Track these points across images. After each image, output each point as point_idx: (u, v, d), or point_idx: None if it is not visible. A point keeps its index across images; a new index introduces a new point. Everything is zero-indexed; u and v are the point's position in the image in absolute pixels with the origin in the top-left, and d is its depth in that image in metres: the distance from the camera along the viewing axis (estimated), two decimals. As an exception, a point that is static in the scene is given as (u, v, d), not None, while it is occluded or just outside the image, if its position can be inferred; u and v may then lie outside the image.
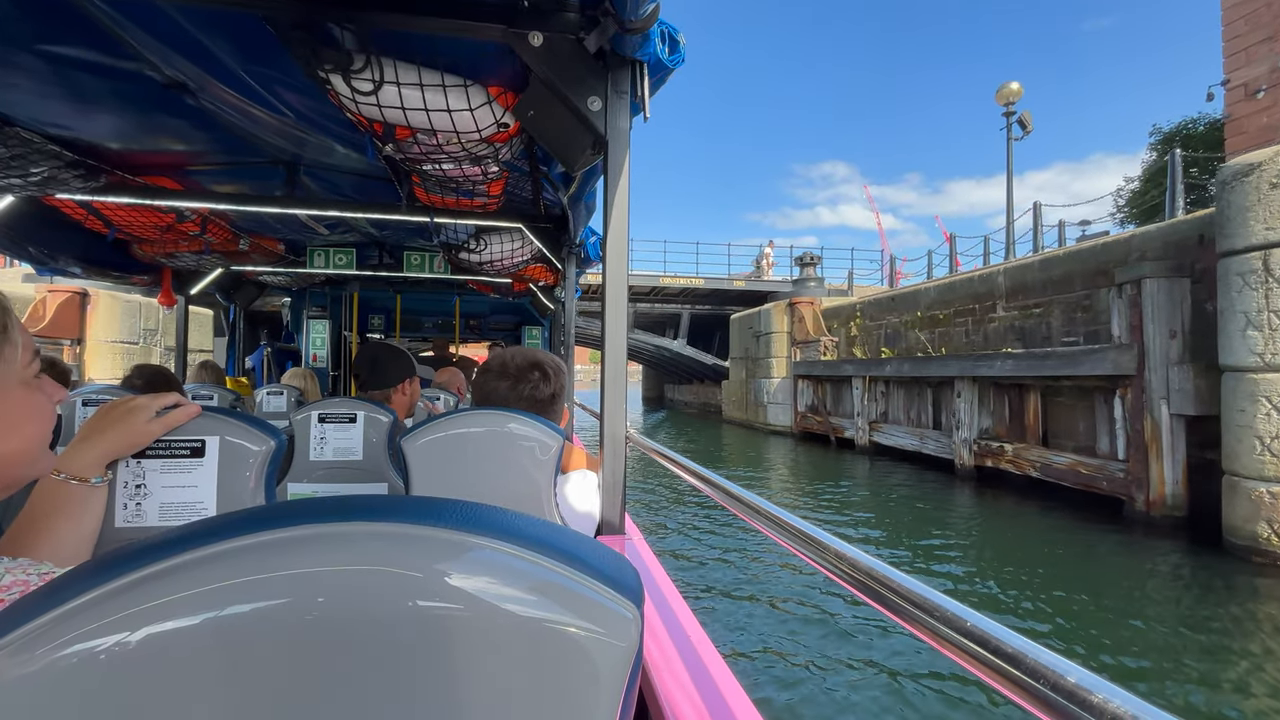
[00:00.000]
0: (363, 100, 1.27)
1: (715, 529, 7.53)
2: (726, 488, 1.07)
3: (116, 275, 3.23)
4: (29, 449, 0.57)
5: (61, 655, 0.23)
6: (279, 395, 3.06)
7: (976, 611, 0.44)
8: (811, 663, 4.08)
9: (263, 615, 0.24)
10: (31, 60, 1.43)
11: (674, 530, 7.55)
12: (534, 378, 1.24)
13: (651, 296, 22.51)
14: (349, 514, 0.25)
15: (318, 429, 1.48)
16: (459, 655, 0.25)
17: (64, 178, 2.00)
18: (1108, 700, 0.30)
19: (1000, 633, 0.40)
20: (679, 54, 1.19)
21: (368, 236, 3.47)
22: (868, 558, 0.56)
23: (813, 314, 16.85)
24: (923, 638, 0.48)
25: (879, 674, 3.94)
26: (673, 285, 21.50)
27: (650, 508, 8.65)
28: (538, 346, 5.68)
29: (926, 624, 0.46)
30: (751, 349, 18.53)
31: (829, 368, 14.72)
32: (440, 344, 5.41)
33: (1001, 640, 0.39)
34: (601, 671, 0.26)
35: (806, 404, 15.96)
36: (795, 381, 16.36)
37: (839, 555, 0.59)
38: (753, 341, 18.36)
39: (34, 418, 0.57)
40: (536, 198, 2.39)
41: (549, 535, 0.27)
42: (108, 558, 0.26)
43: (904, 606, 0.49)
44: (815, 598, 5.28)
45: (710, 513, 8.22)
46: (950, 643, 0.44)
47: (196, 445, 0.76)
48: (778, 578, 5.82)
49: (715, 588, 5.54)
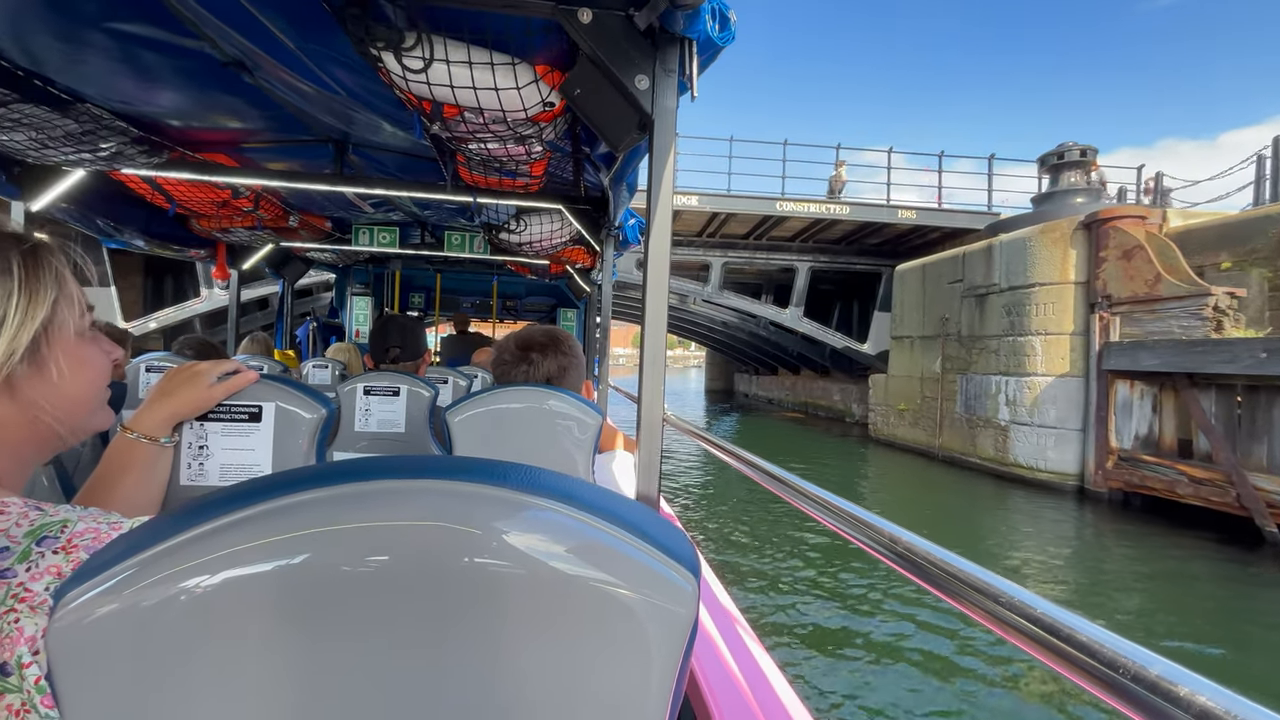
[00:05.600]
0: (412, 78, 1.28)
1: (750, 512, 7.43)
2: (769, 469, 1.07)
3: (176, 249, 3.37)
4: (88, 396, 0.60)
5: (146, 597, 0.25)
6: (324, 368, 3.17)
7: (1045, 599, 0.42)
8: (864, 653, 3.98)
9: (329, 566, 0.25)
10: (101, 38, 1.49)
11: (710, 513, 7.53)
12: (529, 359, 1.25)
13: (754, 241, 14.81)
14: (416, 471, 0.26)
15: (363, 400, 1.53)
16: (518, 615, 0.26)
17: (130, 153, 2.08)
18: (1195, 693, 0.29)
19: (1074, 621, 0.39)
20: (729, 31, 1.16)
21: (411, 216, 3.53)
22: (923, 541, 0.55)
23: (1155, 242, 7.94)
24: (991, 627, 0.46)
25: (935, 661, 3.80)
26: (799, 214, 12.91)
27: (688, 491, 8.64)
28: (572, 329, 5.71)
29: (995, 612, 0.45)
30: (960, 319, 10.53)
31: (1238, 354, 6.32)
32: (461, 319, 5.47)
33: (1075, 629, 0.38)
34: (658, 641, 0.26)
35: (1141, 433, 7.79)
36: (1106, 383, 8.08)
37: (892, 539, 0.58)
38: (963, 306, 10.50)
39: (92, 365, 0.60)
40: (577, 179, 2.39)
41: (611, 503, 0.27)
42: (188, 506, 0.27)
43: (967, 592, 0.48)
44: (865, 584, 5.08)
45: (747, 495, 8.12)
46: (1019, 631, 0.42)
47: (254, 410, 0.79)
48: (823, 563, 5.61)
49: (754, 571, 5.46)
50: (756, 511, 7.56)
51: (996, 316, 9.79)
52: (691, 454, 11.46)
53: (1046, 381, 8.93)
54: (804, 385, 19.04)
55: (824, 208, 13.22)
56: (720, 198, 13.45)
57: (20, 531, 0.45)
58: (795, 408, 19.57)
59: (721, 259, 14.70)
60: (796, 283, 14.71)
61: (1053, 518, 7.49)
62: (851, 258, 15.10)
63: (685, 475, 9.90)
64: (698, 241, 14.97)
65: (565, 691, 0.26)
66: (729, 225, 14.15)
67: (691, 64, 1.15)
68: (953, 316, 10.89)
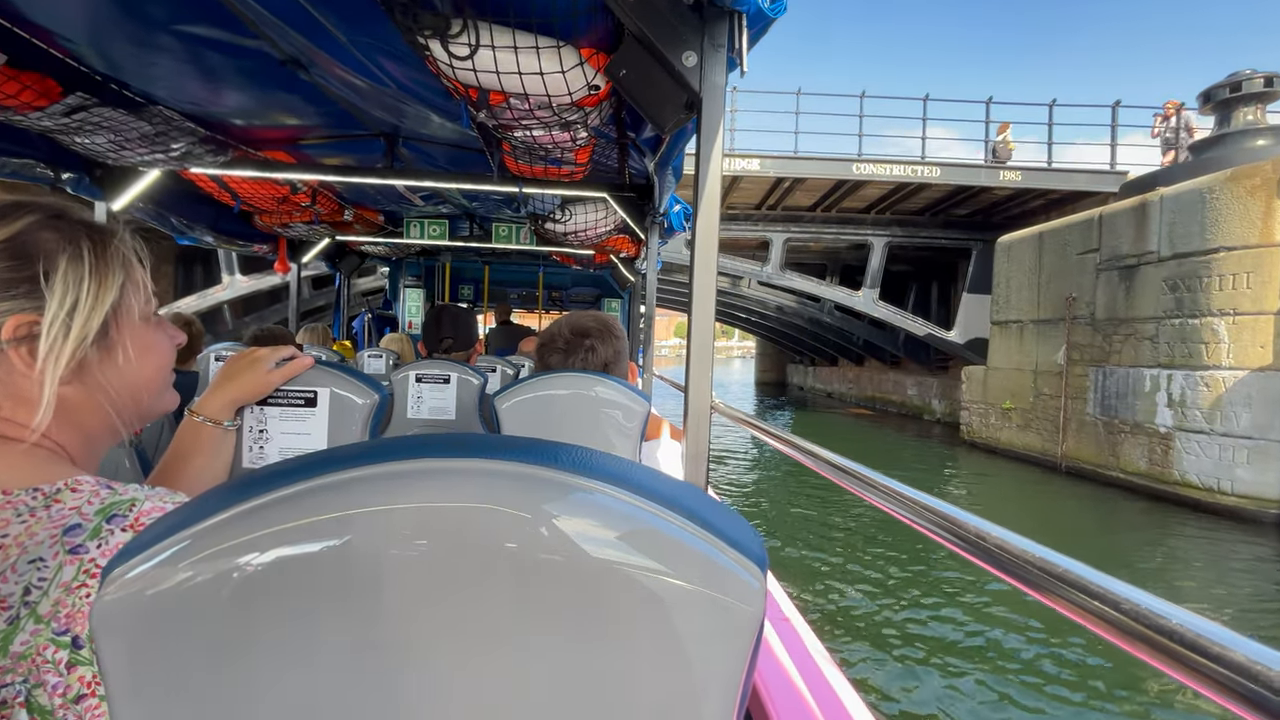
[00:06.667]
0: (459, 65, 1.29)
1: (802, 502, 7.20)
2: (827, 457, 1.03)
3: (241, 244, 3.54)
4: (155, 379, 0.61)
5: (191, 572, 0.24)
6: (378, 358, 3.27)
7: (1133, 586, 0.38)
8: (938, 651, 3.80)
9: (379, 543, 0.24)
10: (169, 40, 1.56)
11: (760, 504, 7.42)
12: (586, 345, 1.23)
13: (821, 213, 12.73)
14: (468, 450, 0.25)
15: (415, 389, 1.56)
16: (568, 604, 0.24)
17: (198, 152, 2.19)
18: None
19: (1171, 612, 0.34)
20: (781, 2, 1.11)
21: (459, 208, 3.60)
22: (999, 529, 0.50)
23: None
24: (1078, 620, 0.42)
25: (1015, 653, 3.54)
26: (880, 178, 10.98)
27: (738, 483, 8.56)
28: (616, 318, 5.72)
29: (1085, 606, 0.41)
30: (1095, 298, 8.51)
31: None
32: (503, 309, 5.53)
33: (1188, 627, 0.33)
34: (721, 640, 0.24)
35: None
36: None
37: (967, 527, 0.54)
38: (1100, 282, 8.45)
39: (158, 349, 0.61)
40: (622, 166, 2.37)
41: (671, 488, 0.25)
42: (241, 479, 0.27)
43: (1049, 582, 0.44)
44: (938, 576, 4.82)
45: (798, 485, 7.87)
46: (1108, 622, 0.38)
47: (310, 396, 0.81)
48: (892, 554, 5.32)
49: (812, 567, 5.26)
50: (809, 502, 7.40)
51: (1153, 293, 7.64)
52: (739, 443, 11.30)
53: (1235, 377, 6.73)
54: (870, 378, 16.93)
55: (910, 169, 11.01)
56: (786, 160, 11.33)
57: (92, 509, 0.46)
58: (860, 403, 17.42)
59: (783, 234, 12.76)
60: (871, 261, 12.56)
61: (1250, 558, 5.53)
62: (935, 231, 12.84)
63: (732, 466, 9.79)
64: (755, 215, 12.96)
65: (614, 690, 0.24)
66: (793, 195, 12.15)
67: (741, 38, 1.11)
68: (1083, 295, 8.73)
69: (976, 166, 11.43)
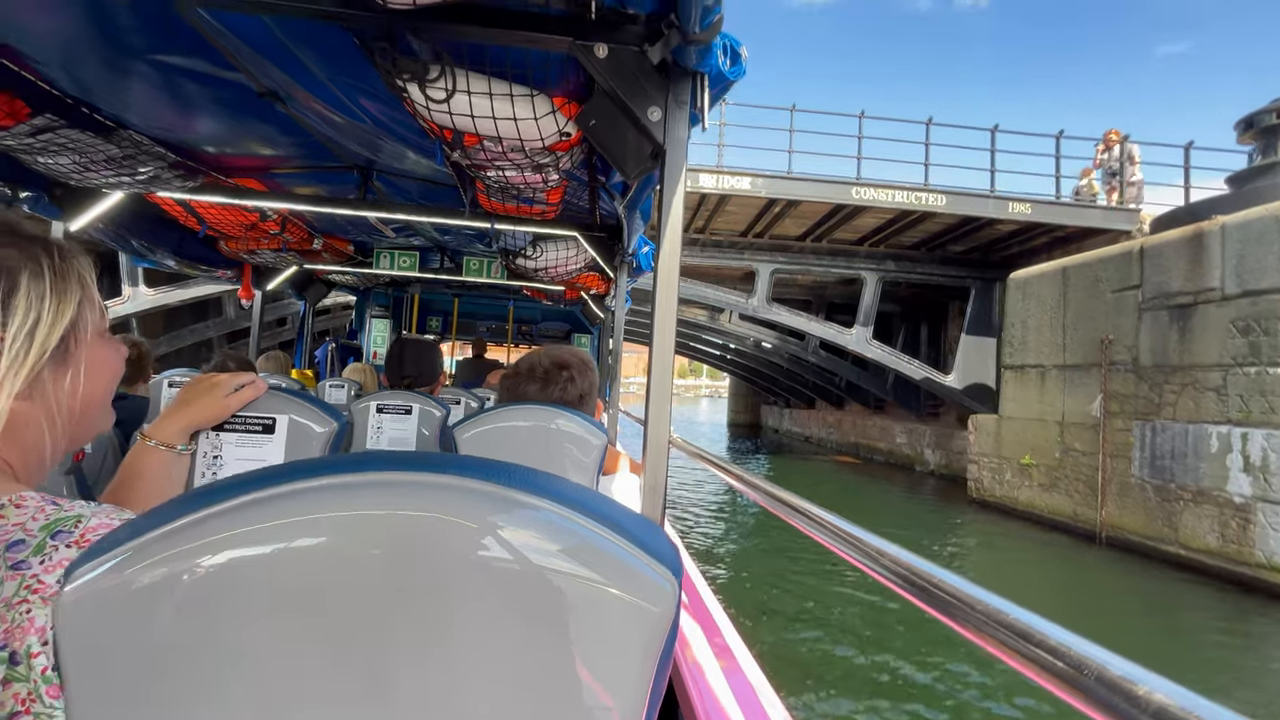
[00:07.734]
0: (436, 108, 1.34)
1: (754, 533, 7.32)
2: (772, 491, 1.06)
3: (205, 269, 3.49)
4: (103, 396, 0.62)
5: (147, 576, 0.26)
6: (340, 388, 3.22)
7: (1019, 606, 0.42)
8: (856, 669, 3.90)
9: (326, 550, 0.26)
10: (145, 68, 1.57)
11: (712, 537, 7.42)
12: (562, 378, 1.26)
13: (810, 244, 11.91)
14: (411, 464, 0.27)
15: (375, 419, 1.55)
16: (500, 604, 0.26)
17: (167, 177, 2.18)
18: (1152, 692, 0.29)
19: (1043, 626, 0.39)
20: (740, 67, 1.20)
21: (431, 241, 3.62)
22: (909, 554, 0.55)
23: None
24: (968, 634, 0.46)
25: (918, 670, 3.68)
26: (882, 204, 10.23)
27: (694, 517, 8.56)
28: None
29: (974, 621, 0.45)
30: (1138, 341, 7.44)
31: None
32: (479, 344, 5.56)
33: (1045, 634, 0.38)
34: (636, 638, 0.26)
35: None
36: None
37: (880, 552, 0.58)
38: (1144, 323, 7.38)
39: (109, 365, 0.62)
40: (593, 207, 2.44)
41: (596, 502, 0.28)
42: (190, 494, 0.29)
43: (948, 602, 0.48)
44: (858, 600, 4.95)
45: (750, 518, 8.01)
46: (994, 639, 0.42)
47: (268, 422, 0.82)
48: (821, 584, 5.51)
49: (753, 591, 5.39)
50: (762, 538, 7.46)
51: (1217, 336, 6.44)
52: (699, 482, 11.34)
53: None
54: (853, 423, 15.41)
55: (914, 196, 10.23)
56: (780, 180, 10.39)
57: (36, 525, 0.47)
58: (843, 449, 15.84)
59: (770, 265, 11.92)
60: (864, 298, 11.70)
61: None
62: (931, 268, 12.08)
63: (692, 504, 9.77)
64: (741, 244, 12.06)
65: (543, 684, 0.27)
66: (782, 223, 11.36)
67: (703, 97, 1.19)
68: (1122, 338, 7.58)
69: (984, 196, 10.61)
